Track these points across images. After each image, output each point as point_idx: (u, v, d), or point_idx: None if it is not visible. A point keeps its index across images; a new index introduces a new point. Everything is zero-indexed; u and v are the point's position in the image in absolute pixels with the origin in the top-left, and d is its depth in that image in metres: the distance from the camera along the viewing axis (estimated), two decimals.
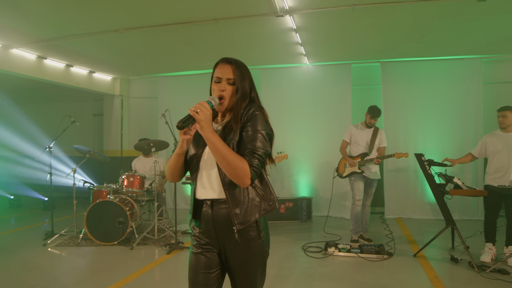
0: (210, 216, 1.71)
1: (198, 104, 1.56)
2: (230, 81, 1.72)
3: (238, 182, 1.59)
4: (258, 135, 1.63)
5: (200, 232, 1.76)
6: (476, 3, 4.09)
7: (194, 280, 1.74)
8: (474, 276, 3.75)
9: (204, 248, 1.76)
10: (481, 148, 4.36)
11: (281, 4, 4.15)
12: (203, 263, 1.74)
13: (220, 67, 1.76)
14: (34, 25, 5.02)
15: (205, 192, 1.71)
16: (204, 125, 1.53)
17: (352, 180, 4.99)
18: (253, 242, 1.70)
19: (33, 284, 3.67)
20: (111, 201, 4.98)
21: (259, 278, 1.76)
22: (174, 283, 3.76)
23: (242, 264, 1.71)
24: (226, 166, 1.55)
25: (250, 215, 1.67)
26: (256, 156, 1.60)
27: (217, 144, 1.54)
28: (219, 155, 1.54)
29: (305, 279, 3.75)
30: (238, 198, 1.66)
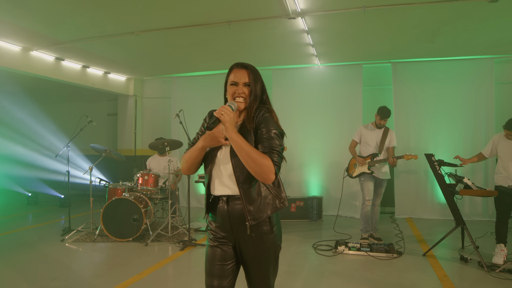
0: (226, 212, 1.81)
1: (221, 108, 1.67)
2: (246, 84, 1.82)
3: (262, 178, 1.67)
4: (272, 134, 1.73)
5: (216, 226, 1.86)
6: (487, 4, 4.11)
7: (211, 272, 1.83)
8: (483, 275, 3.78)
9: (220, 241, 1.86)
10: (492, 148, 4.38)
11: (293, 6, 4.24)
12: (219, 255, 1.84)
13: (235, 72, 1.85)
14: (53, 28, 5.20)
15: (221, 188, 1.81)
16: (228, 126, 1.64)
17: (362, 181, 5.05)
18: (266, 236, 1.80)
19: (54, 277, 3.82)
20: (126, 198, 5.13)
21: (272, 271, 1.86)
22: (188, 279, 3.88)
23: (256, 257, 1.81)
24: (251, 163, 1.64)
25: (262, 212, 1.77)
26: (275, 152, 1.70)
27: (241, 143, 1.64)
28: (244, 153, 1.64)
29: (315, 276, 3.83)
30: (252, 196, 1.76)
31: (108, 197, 5.55)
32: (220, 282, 1.81)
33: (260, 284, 1.86)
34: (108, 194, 5.63)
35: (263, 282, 1.85)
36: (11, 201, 8.78)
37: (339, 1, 4.18)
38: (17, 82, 7.28)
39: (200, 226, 5.96)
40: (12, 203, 8.62)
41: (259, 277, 1.85)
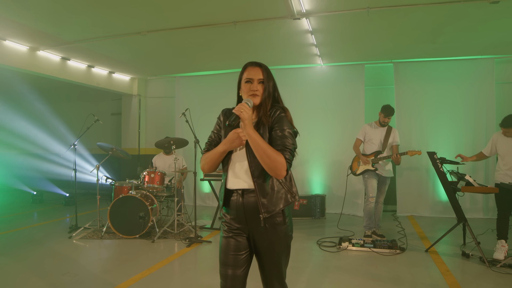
0: (241, 204, 1.90)
1: (240, 105, 1.77)
2: (260, 81, 1.91)
3: (274, 174, 1.77)
4: (286, 133, 1.84)
5: (231, 218, 1.94)
6: (488, 5, 4.20)
7: (225, 262, 1.92)
8: (485, 270, 3.87)
9: (235, 232, 1.94)
10: (491, 147, 4.47)
11: (298, 7, 4.33)
12: (233, 246, 1.92)
13: (249, 70, 1.94)
14: (60, 28, 5.29)
15: (236, 182, 1.90)
16: (247, 123, 1.74)
17: (365, 178, 5.14)
18: (279, 227, 1.89)
19: (64, 272, 3.90)
20: (133, 196, 5.21)
21: (284, 260, 1.94)
22: (196, 274, 3.97)
23: (269, 246, 1.90)
24: (266, 159, 1.74)
25: (275, 205, 1.86)
26: (288, 150, 1.80)
27: (258, 140, 1.74)
28: (260, 149, 1.73)
29: (321, 271, 3.91)
30: (266, 190, 1.86)
31: (115, 195, 5.64)
32: (234, 271, 1.89)
33: (273, 273, 1.94)
34: (115, 192, 5.71)
35: (276, 270, 1.94)
36: (16, 200, 8.88)
37: (344, 2, 4.28)
38: (24, 81, 7.36)
39: (205, 224, 6.04)
40: (17, 201, 8.72)
41: (272, 266, 1.93)
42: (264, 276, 1.98)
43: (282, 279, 1.97)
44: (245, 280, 1.93)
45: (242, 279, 1.90)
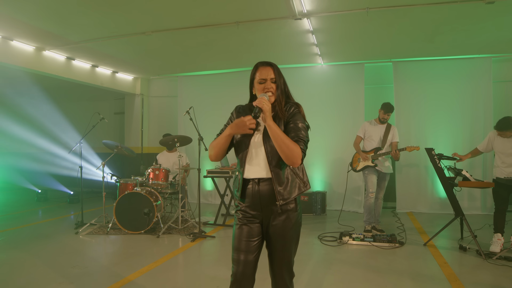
0: (257, 192, 2.02)
1: (260, 99, 1.91)
2: (273, 80, 2.05)
3: (291, 162, 1.91)
4: (300, 126, 2.00)
5: (246, 206, 2.05)
6: (484, 5, 4.33)
7: (238, 247, 2.03)
8: (481, 262, 3.99)
9: (249, 219, 2.05)
10: (487, 144, 4.59)
11: (300, 8, 4.45)
12: (246, 232, 2.04)
13: (261, 70, 2.07)
14: (66, 28, 5.40)
15: (253, 172, 2.02)
16: (268, 115, 1.89)
17: (365, 174, 5.26)
18: (292, 213, 2.02)
19: (73, 265, 4.03)
20: (138, 192, 5.33)
21: (294, 247, 2.07)
22: (201, 266, 4.10)
23: (282, 232, 2.02)
24: (284, 148, 1.87)
25: (290, 193, 2.00)
26: (302, 141, 1.96)
27: (277, 130, 1.89)
28: (279, 139, 1.87)
29: (322, 263, 4.04)
30: (282, 179, 1.99)
31: (120, 192, 5.76)
32: (246, 257, 2.00)
33: (284, 259, 2.05)
34: (119, 189, 5.83)
35: (287, 257, 2.05)
36: (21, 198, 9.01)
37: (344, 3, 4.40)
38: (30, 80, 7.47)
39: (208, 220, 6.16)
40: (22, 199, 8.85)
41: (283, 252, 2.04)
42: (274, 263, 2.07)
43: (291, 266, 2.08)
44: (255, 266, 2.03)
45: (253, 264, 2.01)
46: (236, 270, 2.00)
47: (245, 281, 1.98)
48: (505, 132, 4.34)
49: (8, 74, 6.92)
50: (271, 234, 2.04)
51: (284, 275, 2.06)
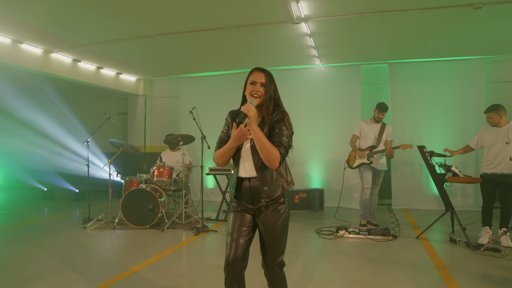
0: (248, 188, 2.26)
1: (247, 105, 2.11)
2: (262, 84, 2.27)
3: (270, 164, 2.13)
4: (283, 133, 2.20)
5: (241, 199, 2.30)
6: (472, 10, 4.57)
7: (231, 232, 2.26)
8: (469, 253, 4.23)
9: (243, 209, 2.30)
10: (477, 141, 4.84)
11: (298, 13, 4.69)
12: (239, 219, 2.28)
13: (254, 74, 2.30)
14: (74, 32, 5.63)
15: (245, 172, 2.26)
16: (253, 120, 2.09)
17: (361, 171, 5.50)
18: (280, 206, 2.25)
19: (84, 256, 4.26)
20: (144, 189, 5.57)
21: (283, 238, 2.28)
22: (204, 257, 4.34)
23: (271, 224, 2.24)
24: (264, 151, 2.09)
25: (274, 192, 2.23)
26: (282, 146, 2.16)
27: (259, 134, 2.10)
28: (261, 142, 2.09)
29: (319, 254, 4.28)
30: (266, 179, 2.23)
31: (125, 189, 5.99)
32: (237, 241, 2.23)
33: (273, 251, 2.26)
34: (125, 186, 6.06)
35: (276, 249, 2.26)
36: (27, 196, 9.24)
37: (339, 8, 4.64)
38: (38, 82, 7.71)
39: (210, 216, 6.39)
40: (28, 197, 9.08)
41: (273, 243, 2.26)
42: (265, 253, 2.29)
43: (281, 255, 2.29)
44: (246, 250, 2.25)
45: (243, 248, 2.23)
46: (229, 252, 2.22)
47: (236, 264, 2.20)
48: (489, 114, 4.58)
49: (17, 75, 7.16)
50: (262, 226, 2.27)
51: (274, 264, 2.28)
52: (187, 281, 3.44)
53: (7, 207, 7.90)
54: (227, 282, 2.22)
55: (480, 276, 3.55)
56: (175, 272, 3.76)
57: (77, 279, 3.53)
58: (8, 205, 8.18)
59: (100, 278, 3.54)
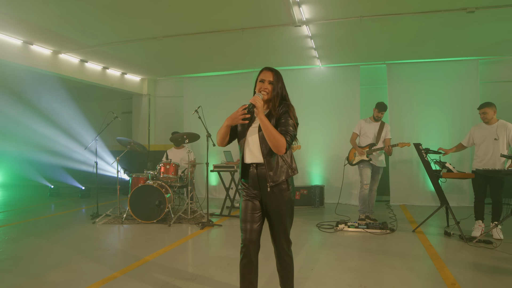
0: (255, 175, 2.47)
1: (255, 97, 2.34)
2: (270, 82, 2.49)
3: (277, 150, 2.34)
4: (289, 122, 2.41)
5: (249, 185, 2.52)
6: (466, 14, 4.79)
7: (244, 218, 2.49)
8: (462, 245, 4.46)
9: (251, 196, 2.52)
10: (469, 138, 5.07)
11: (299, 16, 4.91)
12: (250, 206, 2.50)
13: (264, 73, 2.53)
14: (84, 34, 5.85)
15: (251, 158, 2.48)
16: (260, 110, 2.31)
17: (360, 167, 5.72)
18: (284, 193, 2.47)
19: (96, 248, 4.48)
20: (151, 185, 5.78)
21: (289, 220, 2.52)
22: (211, 248, 4.57)
23: (277, 208, 2.47)
24: (272, 138, 2.30)
25: (279, 177, 2.44)
26: (288, 134, 2.37)
27: (267, 123, 2.31)
28: (268, 130, 2.30)
29: (319, 246, 4.50)
30: (272, 165, 2.44)
31: (132, 186, 6.20)
32: (251, 226, 2.47)
33: (280, 231, 2.50)
34: (132, 182, 6.28)
35: (282, 228, 2.50)
36: (34, 193, 9.46)
37: (339, 12, 4.86)
38: (46, 81, 7.92)
39: (214, 212, 6.61)
40: (35, 195, 9.30)
41: (279, 224, 2.50)
42: (273, 233, 2.54)
43: (287, 235, 2.53)
44: (259, 233, 2.49)
45: (257, 231, 2.48)
46: (244, 237, 2.46)
47: (252, 246, 2.44)
48: (484, 109, 4.82)
49: (27, 75, 7.36)
50: (269, 210, 2.49)
51: (282, 243, 2.52)
52: (196, 270, 3.66)
53: (15, 203, 8.12)
54: (243, 262, 2.45)
55: (472, 265, 3.78)
56: (185, 261, 3.98)
57: (93, 267, 3.75)
58: (15, 201, 8.40)
59: (115, 266, 3.76)
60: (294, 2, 4.49)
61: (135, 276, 3.47)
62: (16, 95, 9.14)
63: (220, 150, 7.51)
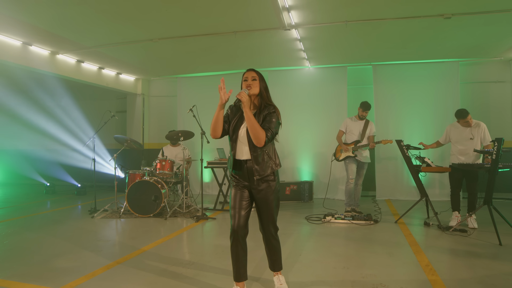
0: (245, 168, 2.79)
1: (241, 93, 2.65)
2: (254, 78, 2.82)
3: (256, 142, 2.64)
4: (273, 121, 2.72)
5: (239, 177, 2.82)
6: (443, 20, 5.14)
7: (234, 205, 2.79)
8: (440, 234, 4.81)
9: (241, 186, 2.83)
10: (445, 137, 5.44)
11: (289, 21, 5.22)
12: (239, 195, 2.81)
13: (247, 73, 2.86)
14: (81, 35, 6.06)
15: (241, 155, 2.79)
16: (246, 104, 2.62)
17: (346, 163, 6.05)
18: (271, 183, 2.79)
19: (98, 239, 4.74)
20: (148, 180, 6.04)
21: (275, 208, 2.84)
22: (206, 238, 4.85)
23: (264, 196, 2.78)
24: (254, 130, 2.61)
25: (265, 171, 2.76)
26: (270, 131, 2.69)
27: (251, 117, 2.62)
28: (251, 122, 2.61)
29: (307, 236, 4.82)
30: (258, 160, 2.76)
31: (129, 182, 6.45)
32: (239, 212, 2.76)
33: (268, 218, 2.82)
34: (129, 179, 6.53)
35: (270, 215, 2.82)
36: (30, 191, 9.63)
37: (326, 17, 5.18)
38: (43, 82, 8.11)
39: (208, 206, 6.89)
40: (31, 192, 9.47)
41: (267, 212, 2.81)
42: (261, 220, 2.85)
43: (274, 222, 2.85)
44: (247, 219, 2.79)
45: (245, 217, 2.77)
46: (233, 222, 2.76)
47: (240, 230, 2.74)
48: (460, 120, 5.17)
49: (25, 74, 7.55)
50: (257, 199, 2.81)
51: (270, 228, 2.85)
52: (192, 257, 3.95)
53: (11, 200, 8.29)
54: (233, 246, 2.75)
55: (446, 250, 4.12)
56: (181, 250, 4.27)
57: (95, 256, 4.01)
58: (11, 199, 8.57)
59: (116, 255, 4.03)
60: (283, 8, 4.80)
61: (135, 264, 3.74)
62: (14, 94, 9.31)
63: (214, 148, 7.79)
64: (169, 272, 3.49)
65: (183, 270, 3.52)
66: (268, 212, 2.82)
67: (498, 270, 3.40)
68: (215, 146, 7.69)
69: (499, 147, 4.31)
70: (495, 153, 4.33)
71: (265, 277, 3.29)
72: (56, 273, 3.46)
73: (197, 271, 3.49)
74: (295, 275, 3.33)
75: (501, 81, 7.73)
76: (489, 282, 3.11)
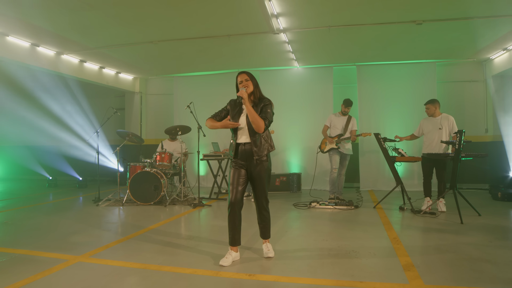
0: (244, 150, 3.35)
1: (241, 91, 3.21)
2: (247, 79, 3.37)
3: (257, 129, 3.22)
4: (268, 111, 3.30)
5: (238, 158, 3.38)
6: (415, 25, 5.75)
7: (232, 182, 3.35)
8: (412, 216, 5.42)
9: (239, 166, 3.39)
10: (419, 129, 6.05)
11: (277, 26, 5.80)
12: (237, 173, 3.37)
13: (240, 76, 3.42)
14: (87, 37, 6.56)
15: (242, 139, 3.35)
16: (246, 100, 3.19)
17: (330, 154, 6.64)
18: (264, 163, 3.36)
19: (106, 222, 5.26)
20: (149, 171, 6.57)
21: (267, 183, 3.41)
22: (203, 220, 5.40)
23: (259, 174, 3.35)
24: (255, 120, 3.18)
25: (262, 152, 3.33)
26: (267, 119, 3.27)
27: (251, 110, 3.20)
28: (252, 114, 3.18)
29: (294, 218, 5.39)
30: (257, 143, 3.32)
31: (130, 173, 6.97)
32: (237, 187, 3.33)
33: (261, 191, 3.39)
34: (130, 170, 7.04)
35: (262, 189, 3.39)
36: (33, 185, 10.08)
37: (310, 23, 5.76)
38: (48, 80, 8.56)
39: (203, 196, 7.43)
40: (34, 186, 9.93)
41: (260, 186, 3.38)
42: (256, 193, 3.43)
43: (266, 195, 3.43)
44: (243, 194, 3.36)
45: (241, 192, 3.34)
46: (231, 196, 3.33)
47: (237, 203, 3.32)
48: (427, 105, 5.80)
49: (32, 73, 8.01)
50: (253, 176, 3.38)
51: (262, 201, 3.44)
52: (192, 233, 4.50)
53: (15, 193, 8.73)
54: (231, 215, 3.32)
55: (413, 227, 4.72)
56: (182, 229, 4.82)
57: (108, 233, 4.55)
58: (16, 191, 9.01)
59: (125, 233, 4.57)
60: (272, 14, 5.36)
61: (143, 238, 4.28)
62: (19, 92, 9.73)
63: (209, 142, 8.34)
64: (173, 243, 4.03)
65: (185, 242, 4.08)
66: (261, 186, 3.39)
67: (452, 240, 4.01)
68: (210, 141, 8.24)
69: (461, 138, 4.92)
70: (458, 143, 4.95)
71: (256, 247, 3.85)
72: (75, 245, 3.99)
73: (197, 243, 4.05)
74: (281, 245, 3.91)
75: (475, 81, 8.38)
76: (443, 248, 3.72)
